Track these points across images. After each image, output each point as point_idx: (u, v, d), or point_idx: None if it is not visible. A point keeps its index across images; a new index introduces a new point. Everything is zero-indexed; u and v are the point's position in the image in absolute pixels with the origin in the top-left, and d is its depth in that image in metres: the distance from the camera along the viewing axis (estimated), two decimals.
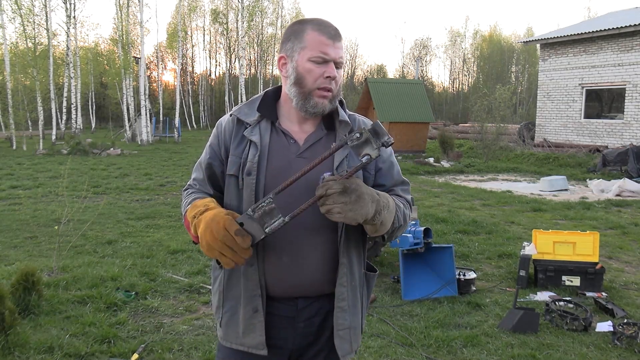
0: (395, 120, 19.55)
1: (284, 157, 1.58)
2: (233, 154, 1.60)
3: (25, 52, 26.06)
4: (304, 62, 1.55)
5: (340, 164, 1.56)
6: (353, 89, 51.42)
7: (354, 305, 1.62)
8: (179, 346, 3.58)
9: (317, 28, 1.55)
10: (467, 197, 10.19)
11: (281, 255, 1.55)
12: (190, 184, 1.72)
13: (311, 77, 1.54)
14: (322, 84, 1.55)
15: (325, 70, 1.54)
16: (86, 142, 19.64)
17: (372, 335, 3.80)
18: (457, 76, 59.20)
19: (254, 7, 33.64)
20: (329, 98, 1.57)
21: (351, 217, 1.38)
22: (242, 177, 1.56)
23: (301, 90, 1.56)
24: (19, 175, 12.46)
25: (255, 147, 1.57)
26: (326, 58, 1.54)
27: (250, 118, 1.62)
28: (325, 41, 1.54)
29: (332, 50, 1.54)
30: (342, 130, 1.62)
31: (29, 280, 3.93)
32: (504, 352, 3.57)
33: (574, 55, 18.64)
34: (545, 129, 19.60)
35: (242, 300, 1.58)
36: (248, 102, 1.67)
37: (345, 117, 1.65)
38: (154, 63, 44.59)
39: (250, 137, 1.59)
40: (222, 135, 1.65)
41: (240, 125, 1.62)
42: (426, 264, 4.83)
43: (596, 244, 4.95)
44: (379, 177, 1.67)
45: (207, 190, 1.66)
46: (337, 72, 1.57)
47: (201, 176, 1.67)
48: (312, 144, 1.61)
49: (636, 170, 13.23)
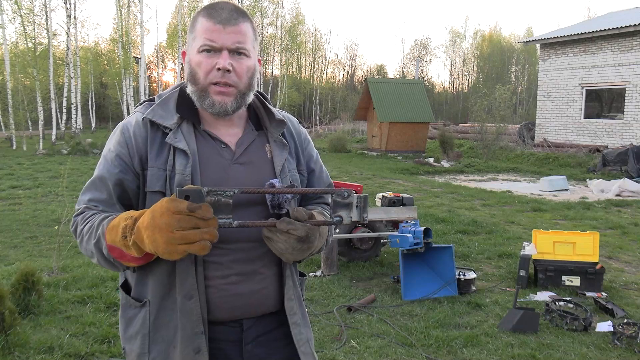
0: (395, 120, 19.56)
1: (219, 165, 1.37)
2: (154, 165, 1.33)
3: (25, 52, 26.05)
4: (194, 54, 1.35)
5: (282, 169, 1.43)
6: (353, 89, 51.44)
7: (303, 316, 1.48)
8: None
9: (206, 14, 1.34)
10: (467, 197, 10.19)
11: (229, 274, 1.34)
12: (84, 207, 1.35)
13: (201, 70, 1.34)
14: (214, 78, 1.33)
15: (217, 61, 1.32)
16: (86, 142, 19.65)
17: (372, 335, 3.80)
18: (457, 76, 59.21)
19: (254, 7, 33.64)
20: (230, 94, 1.35)
21: (289, 258, 1.31)
22: (170, 193, 1.30)
23: (196, 87, 1.36)
24: (19, 175, 12.46)
25: (184, 156, 1.32)
26: (214, 45, 1.32)
27: (168, 121, 1.36)
28: (212, 27, 1.32)
29: (221, 36, 1.32)
30: (275, 129, 1.47)
31: (29, 280, 3.93)
32: (504, 352, 3.57)
33: (574, 55, 18.64)
34: (545, 129, 19.60)
35: (179, 341, 1.31)
36: (161, 102, 1.40)
37: (279, 114, 1.48)
38: (154, 63, 44.62)
39: (175, 144, 1.33)
40: (132, 143, 1.35)
41: (156, 130, 1.36)
42: (426, 264, 4.83)
43: (596, 244, 4.95)
44: (311, 180, 1.56)
45: (115, 211, 1.33)
46: (238, 61, 1.34)
47: (105, 196, 1.34)
48: (247, 147, 1.42)
49: (636, 170, 13.22)
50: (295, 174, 1.48)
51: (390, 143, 19.73)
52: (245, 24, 1.36)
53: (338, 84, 55.31)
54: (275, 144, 1.46)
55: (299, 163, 1.53)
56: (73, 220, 1.37)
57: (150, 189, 1.32)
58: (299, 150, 1.54)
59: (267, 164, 1.42)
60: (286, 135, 1.52)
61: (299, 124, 1.60)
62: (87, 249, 1.31)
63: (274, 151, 1.45)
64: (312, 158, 1.58)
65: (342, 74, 59.22)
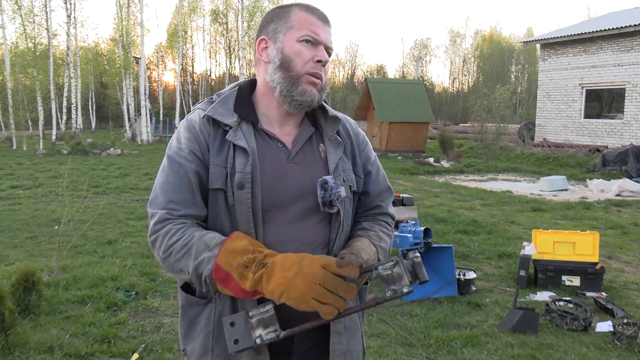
0: (395, 120, 19.57)
1: (277, 163, 1.36)
2: (215, 162, 1.33)
3: (25, 52, 26.07)
4: (291, 42, 1.34)
5: (336, 168, 1.40)
6: (353, 89, 51.44)
7: (349, 327, 1.42)
8: (179, 346, 3.57)
9: (305, 9, 1.37)
10: (467, 197, 10.19)
11: None
12: (164, 215, 1.30)
13: (300, 59, 1.34)
14: (313, 68, 1.34)
15: (315, 53, 1.34)
16: (86, 142, 19.64)
17: (372, 335, 3.80)
18: (457, 76, 59.21)
19: (254, 7, 33.62)
20: (318, 87, 1.37)
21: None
22: (232, 191, 1.30)
23: (288, 75, 1.34)
24: (19, 175, 12.46)
25: (244, 154, 1.32)
26: (317, 39, 1.35)
27: (228, 119, 1.36)
28: (315, 22, 1.36)
29: (323, 32, 1.36)
30: (330, 127, 1.44)
31: (29, 280, 3.93)
32: (504, 352, 3.57)
33: (574, 55, 18.64)
34: (545, 129, 19.60)
35: None
36: (220, 100, 1.40)
37: (333, 111, 1.46)
38: (154, 63, 44.60)
39: (235, 142, 1.33)
40: (201, 138, 1.35)
41: (217, 128, 1.36)
42: (426, 264, 4.82)
43: (596, 244, 4.95)
44: (368, 182, 1.51)
45: (198, 212, 1.32)
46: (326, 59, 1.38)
47: (184, 194, 1.31)
48: (302, 145, 1.41)
49: (636, 170, 13.22)
50: (351, 174, 1.45)
51: (390, 143, 19.73)
52: (332, 28, 1.42)
53: (338, 84, 55.32)
54: (330, 142, 1.43)
55: (355, 164, 1.49)
56: (152, 229, 1.31)
57: (212, 186, 1.32)
58: (356, 151, 1.51)
59: (320, 163, 1.40)
60: (343, 134, 1.49)
61: (357, 126, 1.57)
62: (175, 265, 1.28)
63: (328, 149, 1.42)
64: (369, 160, 1.53)
65: (342, 74, 59.27)
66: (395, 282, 1.23)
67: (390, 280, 1.24)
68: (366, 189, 1.50)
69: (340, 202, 1.36)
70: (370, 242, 1.42)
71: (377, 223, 1.51)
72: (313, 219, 1.37)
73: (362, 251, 1.36)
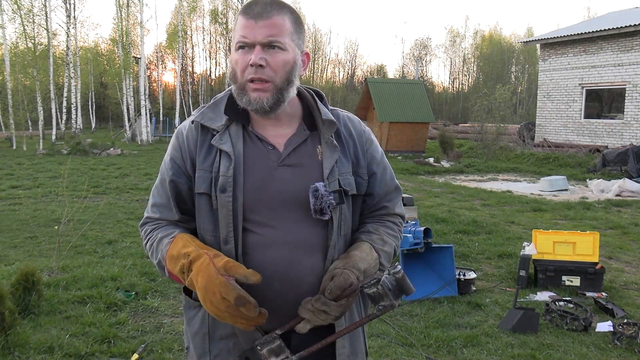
0: (395, 120, 19.56)
1: (263, 167, 1.35)
2: (201, 167, 1.36)
3: (25, 52, 26.05)
4: (233, 52, 1.35)
5: (331, 172, 1.37)
6: (353, 89, 51.45)
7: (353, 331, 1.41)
8: (179, 346, 3.58)
9: (242, 11, 1.33)
10: (467, 197, 10.19)
11: (272, 282, 1.33)
12: (148, 216, 1.44)
13: (238, 68, 1.33)
14: (249, 74, 1.30)
15: (250, 57, 1.30)
16: (86, 142, 19.63)
17: (372, 335, 3.80)
18: (457, 76, 59.20)
19: None
20: (267, 90, 1.31)
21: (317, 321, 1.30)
22: (215, 195, 1.33)
23: (236, 86, 1.35)
24: (19, 175, 12.46)
25: (227, 158, 1.33)
26: (246, 42, 1.30)
27: (216, 123, 1.38)
28: (245, 23, 1.30)
29: (253, 31, 1.29)
30: (326, 130, 1.40)
31: (29, 280, 3.93)
32: (504, 352, 3.57)
33: (574, 55, 18.64)
34: (545, 129, 19.60)
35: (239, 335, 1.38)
36: (211, 105, 1.43)
37: (328, 114, 1.41)
38: (154, 63, 44.60)
39: (219, 146, 1.34)
40: (185, 146, 1.39)
41: (206, 133, 1.38)
42: (426, 264, 4.83)
43: (596, 244, 4.95)
44: (372, 184, 1.47)
45: (171, 216, 1.41)
46: (272, 55, 1.30)
47: (163, 200, 1.41)
48: (295, 148, 1.38)
49: (636, 170, 13.22)
50: (349, 177, 1.41)
51: (390, 143, 19.72)
52: (281, 16, 1.32)
53: (338, 84, 55.33)
54: (326, 145, 1.39)
55: (358, 165, 1.45)
56: (140, 229, 1.48)
57: (197, 190, 1.37)
58: (359, 151, 1.46)
59: (316, 166, 1.37)
60: (345, 135, 1.45)
61: (361, 124, 1.52)
62: (153, 262, 1.41)
63: (324, 153, 1.39)
64: (374, 160, 1.48)
65: (342, 74, 59.27)
66: (383, 299, 1.26)
67: (377, 298, 1.27)
68: (371, 190, 1.47)
69: (332, 210, 1.35)
70: (372, 247, 1.39)
71: (383, 225, 1.49)
72: (309, 221, 1.35)
73: (360, 261, 1.33)
